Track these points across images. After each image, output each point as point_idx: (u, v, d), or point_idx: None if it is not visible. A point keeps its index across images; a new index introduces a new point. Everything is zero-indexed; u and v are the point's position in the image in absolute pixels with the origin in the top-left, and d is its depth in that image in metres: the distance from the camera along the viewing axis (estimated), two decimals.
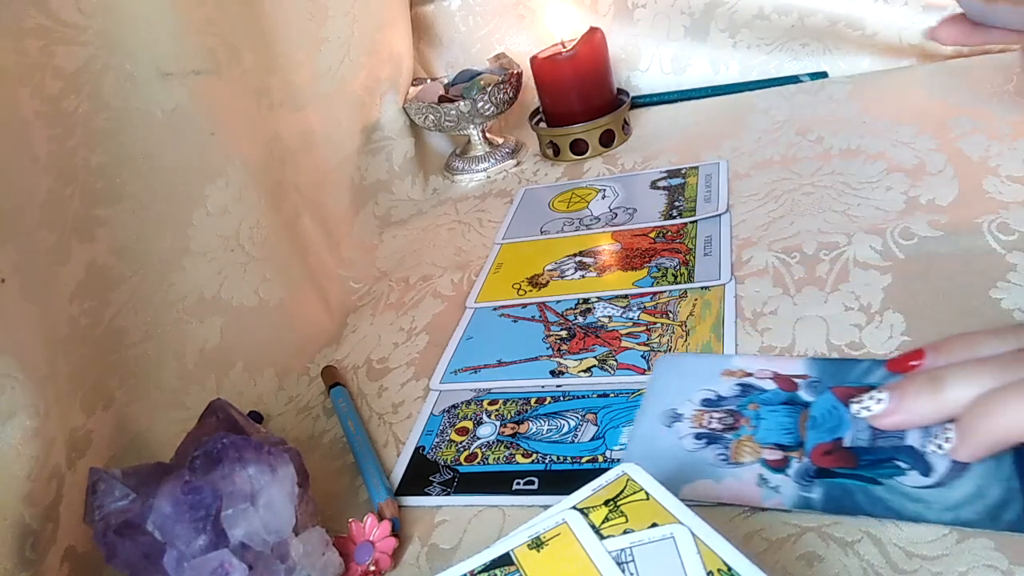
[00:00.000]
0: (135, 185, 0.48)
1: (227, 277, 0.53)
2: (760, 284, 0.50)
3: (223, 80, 0.55)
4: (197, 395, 0.51)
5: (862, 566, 0.32)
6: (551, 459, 0.42)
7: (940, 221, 0.50)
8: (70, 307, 0.44)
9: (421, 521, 0.41)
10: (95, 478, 0.36)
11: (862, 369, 0.41)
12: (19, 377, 0.36)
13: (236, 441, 0.36)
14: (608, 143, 0.76)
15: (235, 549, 0.34)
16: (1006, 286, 0.43)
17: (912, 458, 0.36)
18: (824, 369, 0.42)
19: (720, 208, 0.60)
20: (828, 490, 0.35)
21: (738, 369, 0.44)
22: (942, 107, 0.58)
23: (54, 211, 0.43)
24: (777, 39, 0.77)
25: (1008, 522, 0.32)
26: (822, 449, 0.37)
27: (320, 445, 0.49)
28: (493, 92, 0.75)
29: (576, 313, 0.53)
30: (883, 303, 0.45)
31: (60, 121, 0.44)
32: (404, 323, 0.59)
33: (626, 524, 0.29)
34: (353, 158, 0.74)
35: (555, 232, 0.65)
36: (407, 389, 0.52)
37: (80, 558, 0.40)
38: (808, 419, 0.39)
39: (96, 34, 0.46)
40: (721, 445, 0.39)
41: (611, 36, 0.78)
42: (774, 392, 0.42)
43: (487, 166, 0.79)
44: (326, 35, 0.69)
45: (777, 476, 0.37)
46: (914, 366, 0.38)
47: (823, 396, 0.40)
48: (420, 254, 0.68)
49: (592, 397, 0.46)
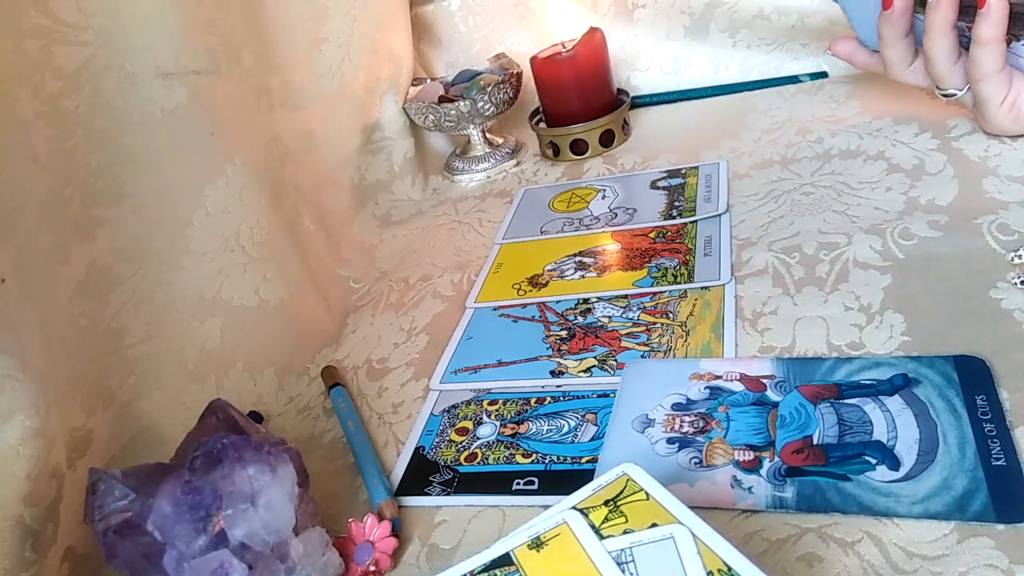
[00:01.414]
0: (135, 185, 0.48)
1: (227, 277, 0.53)
2: (760, 284, 0.50)
3: (223, 80, 0.55)
4: (197, 395, 0.50)
5: (862, 566, 0.32)
6: (551, 459, 0.42)
7: (940, 221, 0.50)
8: (70, 307, 0.44)
9: (421, 521, 0.41)
10: (95, 478, 0.36)
11: (827, 367, 0.42)
12: (19, 377, 0.36)
13: (236, 441, 0.36)
14: (608, 143, 0.76)
15: (235, 549, 0.34)
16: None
17: (881, 453, 0.36)
18: (790, 369, 0.42)
19: (720, 208, 0.60)
20: (800, 488, 0.36)
21: (706, 372, 0.44)
22: (942, 107, 0.58)
23: (54, 211, 0.43)
24: (777, 39, 0.77)
25: (975, 512, 0.32)
26: (792, 448, 0.38)
27: (320, 445, 0.49)
28: (493, 92, 0.75)
29: (576, 313, 0.53)
30: (883, 303, 0.45)
31: (60, 121, 0.44)
32: (404, 323, 0.59)
33: (626, 524, 0.29)
34: (353, 158, 0.74)
35: (555, 232, 0.65)
36: (407, 389, 0.52)
37: (80, 558, 0.40)
38: (777, 418, 0.40)
39: (96, 34, 0.46)
40: (694, 448, 0.39)
41: (611, 36, 0.78)
42: (743, 393, 0.42)
43: (487, 166, 0.79)
44: (326, 35, 0.69)
45: (750, 477, 0.37)
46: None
47: (791, 395, 0.41)
48: (420, 254, 0.68)
49: (592, 397, 0.46)
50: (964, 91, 0.53)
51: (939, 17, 0.49)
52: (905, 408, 0.38)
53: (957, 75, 0.52)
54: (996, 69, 0.49)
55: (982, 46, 0.48)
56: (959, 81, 0.52)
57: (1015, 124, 0.52)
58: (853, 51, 0.58)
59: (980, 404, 0.37)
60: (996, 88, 0.50)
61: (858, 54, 0.58)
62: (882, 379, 0.40)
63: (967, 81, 0.52)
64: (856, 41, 0.58)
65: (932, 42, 0.51)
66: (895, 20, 0.52)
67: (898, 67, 0.55)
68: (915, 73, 0.55)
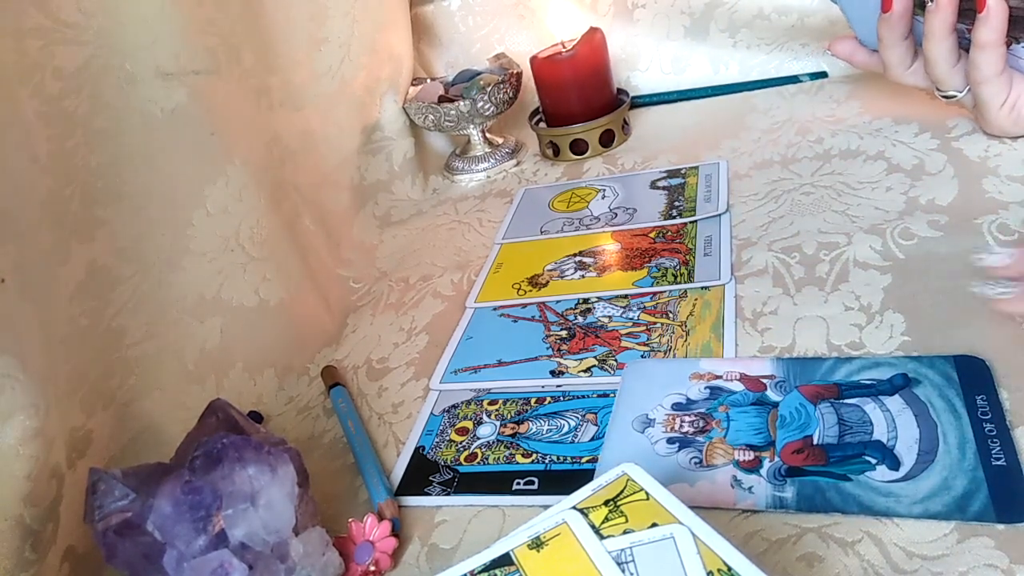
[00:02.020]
0: (135, 185, 0.48)
1: (227, 277, 0.53)
2: (760, 284, 0.50)
3: (223, 80, 0.55)
4: (197, 395, 0.50)
5: (863, 566, 0.32)
6: (551, 459, 0.42)
7: (940, 221, 0.50)
8: (70, 307, 0.44)
9: (421, 521, 0.41)
10: (95, 478, 0.36)
11: (827, 367, 0.42)
12: (19, 377, 0.36)
13: (236, 441, 0.36)
14: (608, 143, 0.76)
15: (235, 549, 0.34)
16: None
17: (881, 453, 0.36)
18: (790, 368, 0.42)
19: (720, 208, 0.60)
20: (800, 488, 0.36)
21: (706, 372, 0.44)
22: (942, 107, 0.58)
23: (54, 211, 0.43)
24: (777, 39, 0.77)
25: (975, 512, 0.32)
26: (792, 448, 0.38)
27: (320, 445, 0.49)
28: (493, 92, 0.75)
29: (576, 313, 0.53)
30: (883, 303, 0.45)
31: (60, 121, 0.44)
32: (404, 323, 0.59)
33: (626, 524, 0.29)
34: (353, 158, 0.74)
35: (555, 232, 0.65)
36: (407, 389, 0.52)
37: (80, 558, 0.40)
38: (777, 418, 0.40)
39: (96, 34, 0.46)
40: (694, 448, 0.39)
41: (611, 36, 0.78)
42: (743, 393, 0.42)
43: (487, 166, 0.79)
44: (326, 35, 0.69)
45: (751, 477, 0.37)
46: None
47: (791, 395, 0.41)
48: (420, 254, 0.68)
49: (592, 397, 0.46)
50: (964, 93, 0.53)
51: (938, 20, 0.49)
52: (905, 408, 0.38)
53: (957, 77, 0.52)
54: (996, 72, 0.49)
55: (982, 50, 0.48)
56: (959, 83, 0.52)
57: (1015, 126, 0.52)
58: (853, 51, 0.58)
59: (980, 404, 0.37)
60: (996, 90, 0.50)
61: (858, 54, 0.58)
62: (882, 379, 0.40)
63: (967, 83, 0.52)
64: (856, 41, 0.58)
65: (931, 45, 0.51)
66: (894, 23, 0.52)
67: (898, 68, 0.55)
68: (915, 74, 0.55)
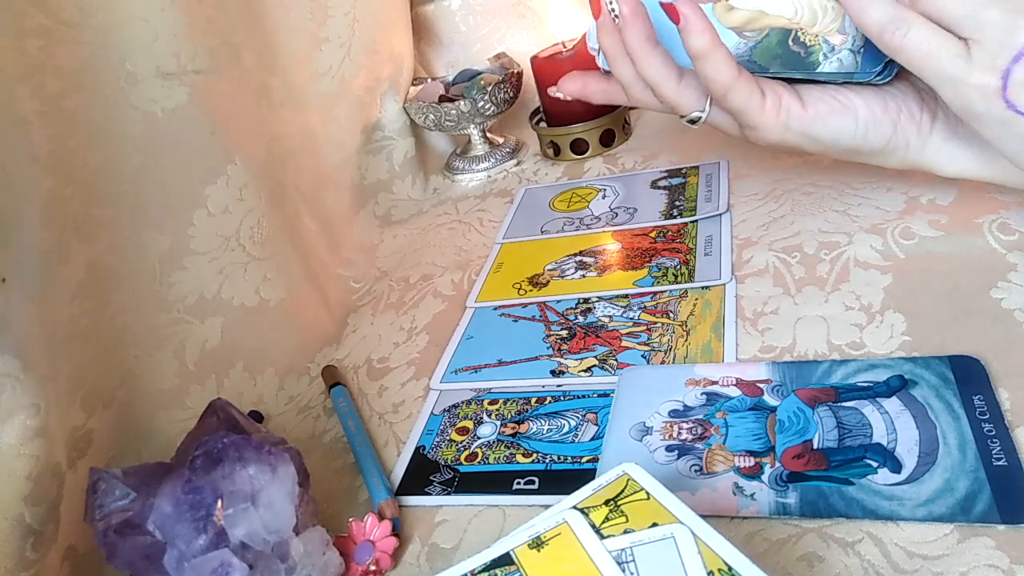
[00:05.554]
0: (135, 185, 0.48)
1: (227, 277, 0.53)
2: (760, 284, 0.50)
3: (223, 80, 0.55)
4: (197, 395, 0.51)
5: (863, 566, 0.32)
6: (551, 459, 0.42)
7: (940, 221, 0.50)
8: (70, 307, 0.44)
9: (421, 521, 0.41)
10: (95, 478, 0.36)
11: (823, 370, 0.41)
12: (19, 377, 0.36)
13: (236, 441, 0.36)
14: (608, 143, 0.76)
15: (235, 549, 0.34)
16: (1007, 286, 0.43)
17: (882, 455, 0.36)
18: (786, 372, 0.42)
19: (721, 208, 0.60)
20: (803, 494, 0.35)
21: (701, 378, 0.44)
22: None
23: (54, 211, 0.43)
24: None
25: (979, 513, 0.32)
26: (792, 453, 0.37)
27: (320, 445, 0.49)
28: (493, 92, 0.75)
29: (576, 313, 0.53)
30: (883, 303, 0.45)
31: (60, 121, 0.44)
32: (404, 323, 0.59)
33: (626, 524, 0.29)
34: (353, 158, 0.74)
35: (555, 232, 0.65)
36: (407, 389, 0.52)
37: (81, 558, 0.40)
38: (776, 423, 0.39)
39: (96, 33, 0.46)
40: (693, 456, 0.39)
41: None
42: (740, 399, 0.42)
43: (487, 166, 0.79)
44: (326, 35, 0.69)
45: (752, 483, 0.37)
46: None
47: (788, 399, 0.40)
48: (420, 254, 0.68)
49: (592, 397, 0.46)
50: (707, 112, 0.46)
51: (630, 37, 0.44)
52: (903, 410, 0.38)
53: (687, 96, 0.45)
54: (732, 75, 0.42)
55: (704, 59, 0.42)
56: (692, 101, 0.45)
57: (789, 131, 0.44)
58: (584, 84, 0.51)
59: (978, 404, 0.37)
60: (746, 94, 0.43)
61: (590, 85, 0.51)
62: (878, 381, 0.40)
63: (706, 100, 0.45)
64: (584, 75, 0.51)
65: (641, 65, 0.45)
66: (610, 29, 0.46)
67: (633, 89, 0.47)
68: (648, 95, 0.47)
